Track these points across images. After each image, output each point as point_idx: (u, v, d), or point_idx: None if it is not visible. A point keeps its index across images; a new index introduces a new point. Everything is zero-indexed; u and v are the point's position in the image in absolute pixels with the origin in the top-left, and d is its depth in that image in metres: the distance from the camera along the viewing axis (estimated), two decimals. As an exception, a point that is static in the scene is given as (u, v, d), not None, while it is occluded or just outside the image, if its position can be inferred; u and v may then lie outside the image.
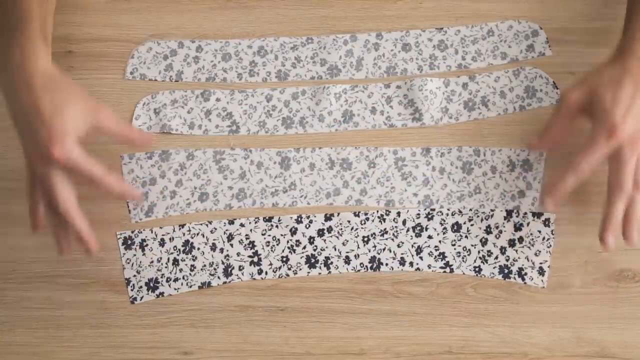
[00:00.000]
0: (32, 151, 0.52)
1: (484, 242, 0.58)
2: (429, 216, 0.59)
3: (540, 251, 0.58)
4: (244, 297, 0.58)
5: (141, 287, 0.58)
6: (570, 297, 0.57)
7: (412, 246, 0.58)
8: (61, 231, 0.55)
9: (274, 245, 0.59)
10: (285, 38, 0.64)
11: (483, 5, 0.65)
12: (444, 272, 0.58)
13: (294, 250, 0.59)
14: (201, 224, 0.59)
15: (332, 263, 0.58)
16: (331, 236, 0.59)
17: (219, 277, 0.58)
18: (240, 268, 0.58)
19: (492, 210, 0.59)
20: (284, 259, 0.58)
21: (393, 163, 0.60)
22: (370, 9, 0.65)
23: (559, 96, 0.57)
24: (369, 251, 0.58)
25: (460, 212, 0.59)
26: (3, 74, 0.53)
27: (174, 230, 0.59)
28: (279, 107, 0.62)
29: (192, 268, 0.58)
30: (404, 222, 0.59)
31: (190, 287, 0.58)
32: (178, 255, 0.59)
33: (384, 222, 0.59)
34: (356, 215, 0.59)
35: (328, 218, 0.59)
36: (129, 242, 0.59)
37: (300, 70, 0.64)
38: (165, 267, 0.58)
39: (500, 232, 0.58)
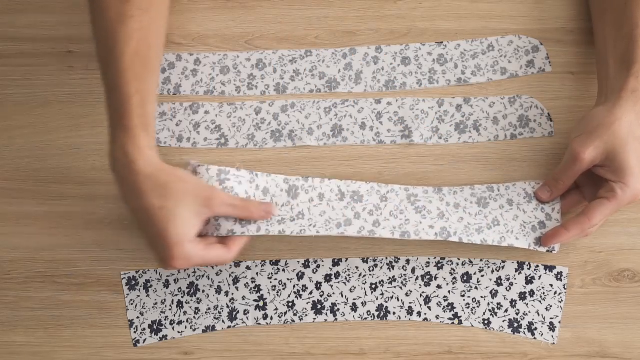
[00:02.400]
0: (155, 253, 0.52)
1: (494, 294, 0.57)
2: (439, 265, 0.58)
3: (551, 306, 0.57)
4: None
5: (144, 329, 0.57)
6: (570, 297, 0.57)
7: (421, 295, 0.57)
8: None
9: (280, 290, 0.58)
10: (284, 51, 0.64)
11: (483, 6, 0.65)
12: (452, 323, 0.57)
13: (300, 296, 0.58)
14: (206, 266, 0.58)
15: (338, 310, 0.57)
16: (338, 282, 0.58)
17: (223, 321, 0.57)
18: (245, 312, 0.57)
19: (503, 262, 0.58)
20: (290, 304, 0.57)
21: (406, 198, 0.58)
22: (370, 9, 0.65)
23: (571, 153, 0.53)
24: (377, 299, 0.57)
25: (471, 262, 0.58)
26: (116, 176, 0.52)
27: (178, 272, 0.58)
28: (268, 120, 0.62)
29: (197, 311, 0.58)
30: (413, 271, 0.58)
31: (194, 330, 0.57)
32: (182, 297, 0.58)
33: (393, 269, 0.58)
34: (364, 261, 0.58)
35: (336, 263, 0.58)
36: (133, 282, 0.58)
37: (299, 84, 0.63)
38: (169, 310, 0.58)
39: (512, 284, 0.57)
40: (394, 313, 0.57)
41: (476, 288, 0.57)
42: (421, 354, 0.57)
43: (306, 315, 0.57)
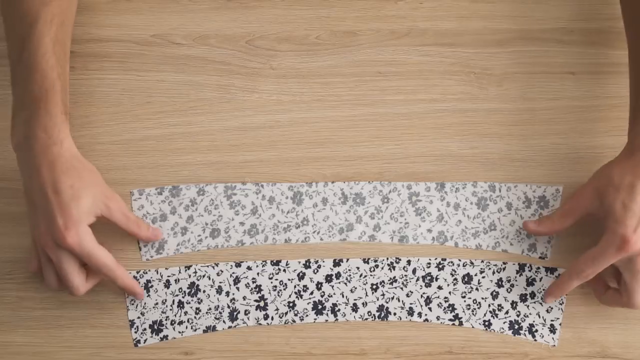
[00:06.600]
0: (44, 231, 0.53)
1: (495, 296, 0.57)
2: (440, 266, 0.58)
3: (552, 307, 0.57)
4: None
5: (145, 329, 0.57)
6: (571, 297, 0.57)
7: (422, 296, 0.57)
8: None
9: (280, 290, 0.58)
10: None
11: (483, 6, 0.65)
12: (453, 324, 0.57)
13: (301, 296, 0.58)
14: (207, 266, 0.58)
15: (339, 310, 0.57)
16: (339, 282, 0.58)
17: (224, 322, 0.57)
18: (246, 312, 0.57)
19: (504, 264, 0.58)
20: (291, 305, 0.57)
21: (407, 198, 0.59)
22: (371, 9, 0.65)
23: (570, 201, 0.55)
24: (377, 299, 0.57)
25: (472, 263, 0.58)
26: (26, 153, 0.53)
27: (179, 272, 0.58)
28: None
29: (197, 311, 0.58)
30: (414, 271, 0.58)
31: (195, 330, 0.57)
32: (183, 297, 0.58)
33: (394, 270, 0.58)
34: (365, 262, 0.58)
35: (337, 264, 0.58)
36: None
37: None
38: (170, 310, 0.58)
39: (512, 285, 0.57)
40: (395, 314, 0.57)
41: (477, 289, 0.57)
42: (422, 354, 0.57)
43: (307, 315, 0.57)
